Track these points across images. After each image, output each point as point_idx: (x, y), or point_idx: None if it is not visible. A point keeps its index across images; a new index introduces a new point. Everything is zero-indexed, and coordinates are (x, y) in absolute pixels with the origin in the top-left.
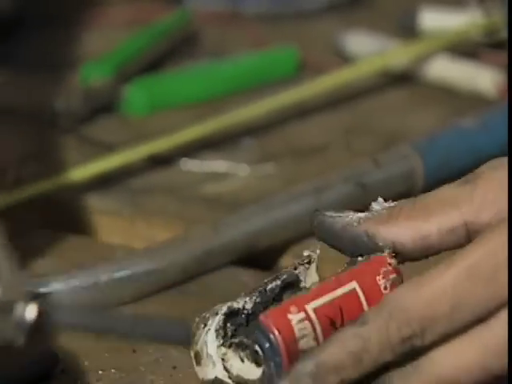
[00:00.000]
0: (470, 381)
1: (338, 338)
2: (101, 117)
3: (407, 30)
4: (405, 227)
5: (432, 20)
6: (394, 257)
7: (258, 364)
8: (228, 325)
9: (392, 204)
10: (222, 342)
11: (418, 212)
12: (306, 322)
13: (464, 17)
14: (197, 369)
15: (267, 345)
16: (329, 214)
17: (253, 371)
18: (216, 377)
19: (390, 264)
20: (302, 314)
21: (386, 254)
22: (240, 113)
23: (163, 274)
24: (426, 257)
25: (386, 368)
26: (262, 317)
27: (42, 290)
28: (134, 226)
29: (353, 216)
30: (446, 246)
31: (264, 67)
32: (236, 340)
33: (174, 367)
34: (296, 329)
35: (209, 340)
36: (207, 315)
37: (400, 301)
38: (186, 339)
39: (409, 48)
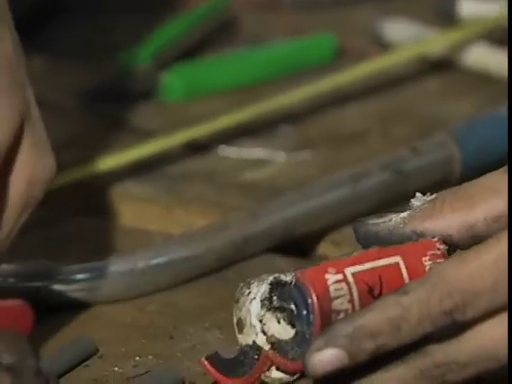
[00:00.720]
0: (506, 354)
1: (377, 305)
2: (139, 103)
3: (445, 17)
4: (450, 219)
5: (470, 7)
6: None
7: (292, 325)
8: (273, 295)
9: (432, 197)
10: (265, 311)
11: (462, 202)
12: (343, 284)
13: (502, 4)
14: (238, 336)
15: (300, 300)
16: (371, 221)
17: (287, 332)
18: (254, 341)
19: (439, 249)
20: (339, 276)
21: (436, 239)
22: (278, 99)
23: (200, 260)
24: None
25: (425, 342)
26: (298, 274)
27: (80, 276)
28: (171, 212)
29: (396, 218)
30: (493, 234)
31: (302, 54)
32: (275, 304)
33: None
34: (331, 289)
35: (253, 309)
36: (252, 281)
37: (443, 274)
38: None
39: (446, 35)
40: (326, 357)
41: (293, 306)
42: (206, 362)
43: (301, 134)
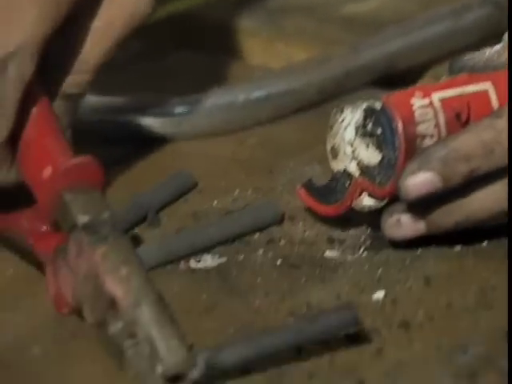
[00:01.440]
0: None
1: (470, 129)
2: None
3: None
4: None
5: None
6: None
7: (380, 150)
8: (367, 123)
9: None
10: (357, 137)
11: None
12: (429, 108)
13: None
14: (332, 163)
15: (386, 124)
16: (467, 57)
17: (375, 157)
18: (345, 168)
19: None
20: (425, 100)
21: None
22: None
23: (300, 94)
24: None
25: None
26: (384, 98)
27: (179, 109)
28: (272, 45)
29: (490, 51)
30: None
31: None
32: (369, 130)
33: None
34: (417, 113)
35: (346, 136)
36: (346, 108)
37: None
38: (354, 324)
39: None
40: (419, 180)
41: (380, 131)
42: (300, 191)
43: None
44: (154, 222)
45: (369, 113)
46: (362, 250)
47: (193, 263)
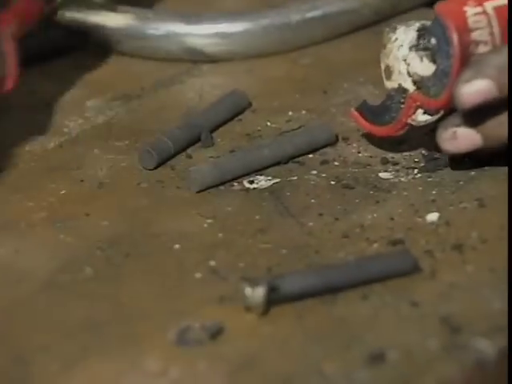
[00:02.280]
0: None
1: None
2: None
3: None
4: None
5: None
6: None
7: (434, 60)
8: (420, 42)
9: None
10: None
11: None
12: (483, 16)
13: None
14: (386, 83)
15: (439, 33)
16: None
17: (429, 68)
18: (400, 84)
19: None
20: (479, 8)
21: None
22: None
23: (355, 14)
24: None
25: None
26: (437, 7)
27: (233, 29)
28: None
29: None
30: None
31: None
32: (421, 47)
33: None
34: (470, 20)
35: (400, 54)
36: (398, 27)
37: None
38: (413, 268)
39: None
40: (475, 88)
41: (434, 41)
42: (355, 113)
43: None
44: (208, 142)
45: (422, 31)
46: (416, 171)
47: (246, 184)
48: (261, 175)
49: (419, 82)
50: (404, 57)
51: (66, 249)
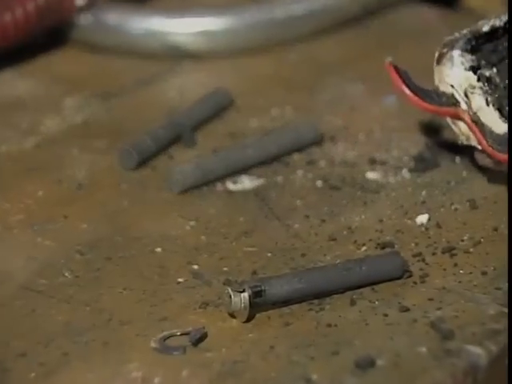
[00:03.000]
0: None
1: None
2: None
3: None
4: None
5: None
6: None
7: (505, 118)
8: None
9: None
10: (469, 64)
11: None
12: None
13: None
14: (436, 68)
15: None
16: None
17: (496, 121)
18: (453, 95)
19: None
20: None
21: None
22: None
23: (343, 9)
24: None
25: None
26: None
27: (214, 25)
28: None
29: None
30: None
31: None
32: (487, 73)
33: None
34: None
35: (462, 76)
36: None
37: None
38: (402, 272)
39: None
40: None
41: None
42: (390, 66)
43: None
44: (190, 141)
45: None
46: (404, 171)
47: (230, 185)
48: (245, 175)
49: (479, 124)
50: (467, 82)
51: (44, 252)
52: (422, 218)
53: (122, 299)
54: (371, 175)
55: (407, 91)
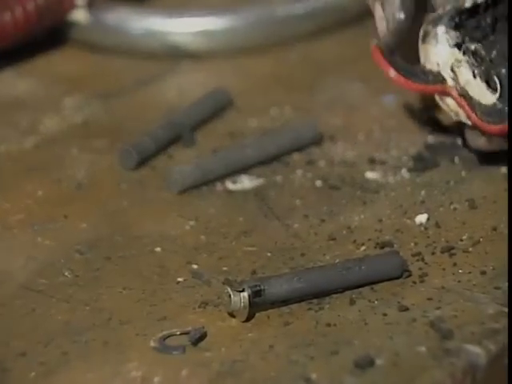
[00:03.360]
0: None
1: None
2: None
3: None
4: None
5: None
6: None
7: (493, 89)
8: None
9: None
10: (454, 41)
11: None
12: None
13: None
14: (421, 45)
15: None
16: None
17: (484, 93)
18: (439, 73)
19: None
20: None
21: None
22: None
23: (342, 10)
24: None
25: None
26: None
27: (214, 24)
28: None
29: None
30: None
31: None
32: (472, 47)
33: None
34: None
35: (448, 52)
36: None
37: None
38: (402, 271)
39: None
40: None
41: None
42: (375, 48)
43: None
44: (190, 141)
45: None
46: (403, 171)
47: (229, 184)
48: (244, 175)
49: (468, 98)
50: (453, 57)
51: (43, 252)
52: (422, 218)
53: (121, 299)
54: (370, 175)
55: (392, 73)
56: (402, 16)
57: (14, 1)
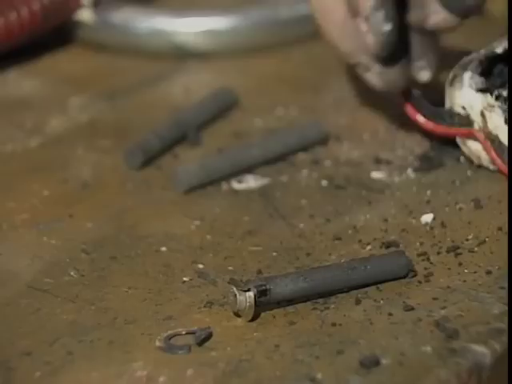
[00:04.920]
0: None
1: None
2: None
3: None
4: None
5: None
6: None
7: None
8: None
9: None
10: (478, 86)
11: None
12: None
13: None
14: (448, 89)
15: None
16: None
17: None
18: (469, 116)
19: None
20: None
21: None
22: None
23: None
24: None
25: None
26: None
27: (219, 24)
28: None
29: None
30: None
31: None
32: (504, 93)
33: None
34: None
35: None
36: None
37: None
38: (407, 271)
39: None
40: None
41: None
42: (410, 107)
43: None
44: (195, 140)
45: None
46: (409, 171)
47: (235, 184)
48: (250, 175)
49: (495, 140)
50: (484, 101)
51: (49, 251)
52: (427, 218)
53: (127, 298)
54: (376, 175)
55: (421, 119)
56: (388, 28)
57: (20, 1)
